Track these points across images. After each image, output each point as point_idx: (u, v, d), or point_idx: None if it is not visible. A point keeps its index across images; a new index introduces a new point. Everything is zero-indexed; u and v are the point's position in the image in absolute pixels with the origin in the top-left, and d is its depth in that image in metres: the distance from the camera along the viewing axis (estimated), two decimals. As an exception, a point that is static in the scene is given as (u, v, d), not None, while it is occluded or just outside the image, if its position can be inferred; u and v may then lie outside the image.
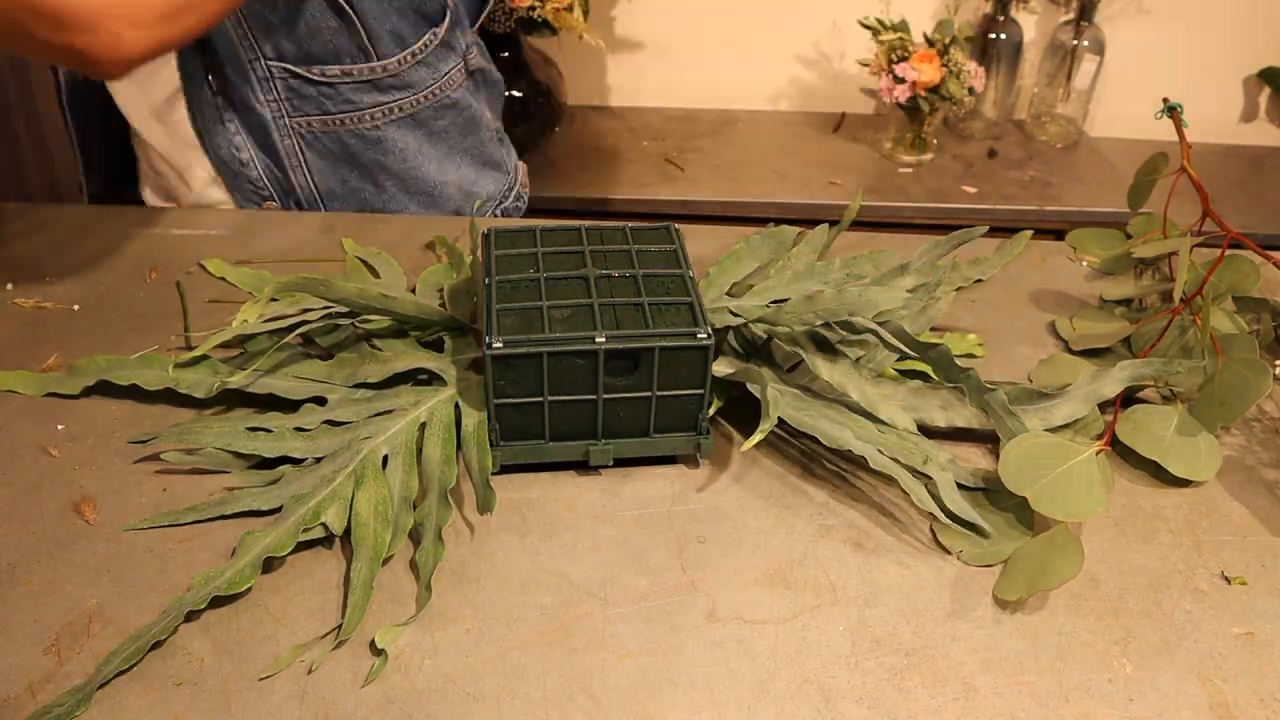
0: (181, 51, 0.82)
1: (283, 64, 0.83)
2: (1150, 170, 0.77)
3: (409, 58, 0.87)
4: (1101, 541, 0.56)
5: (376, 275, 0.75)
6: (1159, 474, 0.60)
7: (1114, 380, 0.62)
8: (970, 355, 0.69)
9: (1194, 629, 0.51)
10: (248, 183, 0.89)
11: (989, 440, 0.62)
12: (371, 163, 0.90)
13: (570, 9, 1.50)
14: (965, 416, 0.62)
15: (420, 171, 0.93)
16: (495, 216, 1.01)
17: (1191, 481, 0.59)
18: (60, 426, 0.61)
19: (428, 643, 0.49)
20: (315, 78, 0.85)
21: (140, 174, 0.97)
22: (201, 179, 0.91)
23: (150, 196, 0.97)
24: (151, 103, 0.88)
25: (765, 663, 0.48)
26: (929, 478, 0.57)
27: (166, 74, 0.85)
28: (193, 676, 0.47)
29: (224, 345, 0.65)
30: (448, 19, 0.90)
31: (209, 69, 0.84)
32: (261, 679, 0.47)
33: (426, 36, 0.88)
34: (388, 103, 0.88)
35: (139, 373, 0.62)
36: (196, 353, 0.62)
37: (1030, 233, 0.82)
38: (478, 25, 0.99)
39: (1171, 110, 0.75)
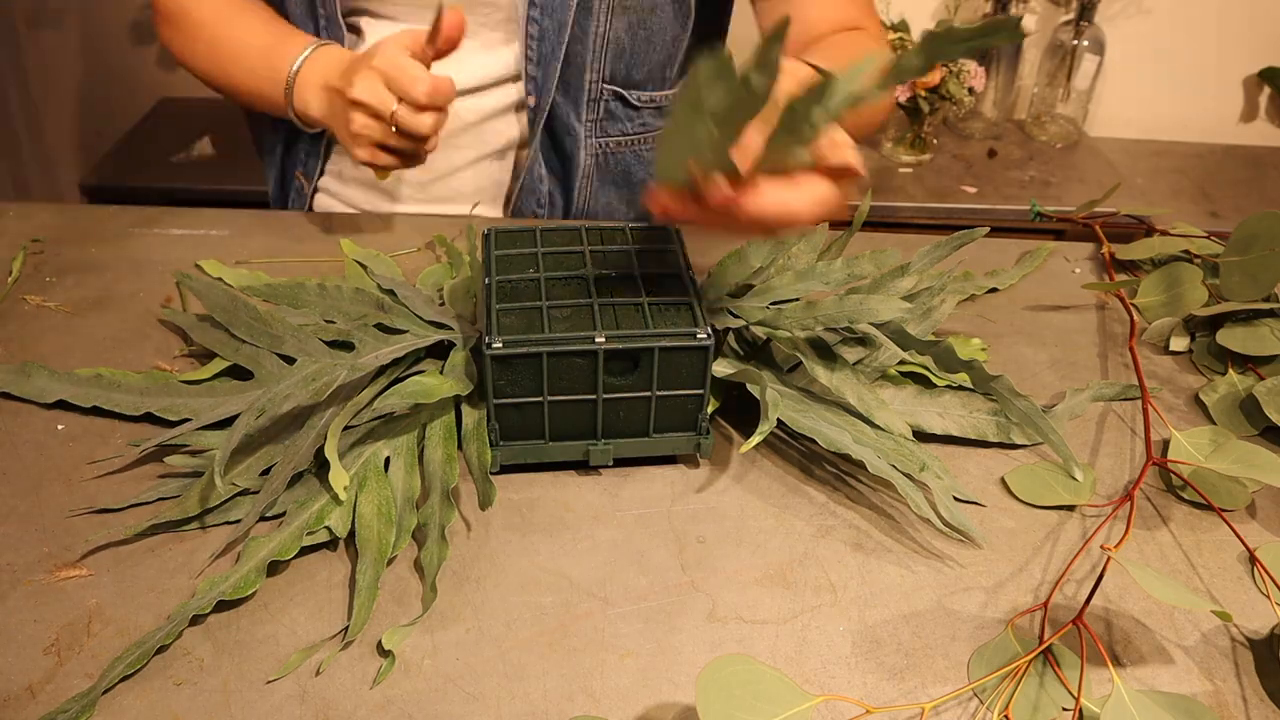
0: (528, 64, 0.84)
1: (614, 86, 0.87)
2: None
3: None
4: (1101, 540, 0.56)
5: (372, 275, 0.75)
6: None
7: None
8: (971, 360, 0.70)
9: (1193, 628, 0.51)
10: (533, 197, 0.90)
11: (984, 447, 0.62)
12: (637, 183, 0.94)
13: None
14: (961, 425, 0.62)
15: None
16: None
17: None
18: (60, 426, 0.61)
19: (428, 643, 0.49)
20: (635, 102, 0.89)
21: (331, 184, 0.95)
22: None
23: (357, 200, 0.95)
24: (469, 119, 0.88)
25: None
26: (925, 485, 0.57)
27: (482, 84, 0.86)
28: (193, 677, 0.47)
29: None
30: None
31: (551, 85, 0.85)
32: (269, 682, 0.47)
33: None
34: (659, 126, 0.92)
35: (144, 400, 0.62)
36: (201, 375, 0.63)
37: (1053, 245, 0.83)
38: None
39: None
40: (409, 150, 0.74)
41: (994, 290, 0.77)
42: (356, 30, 0.86)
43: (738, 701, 0.42)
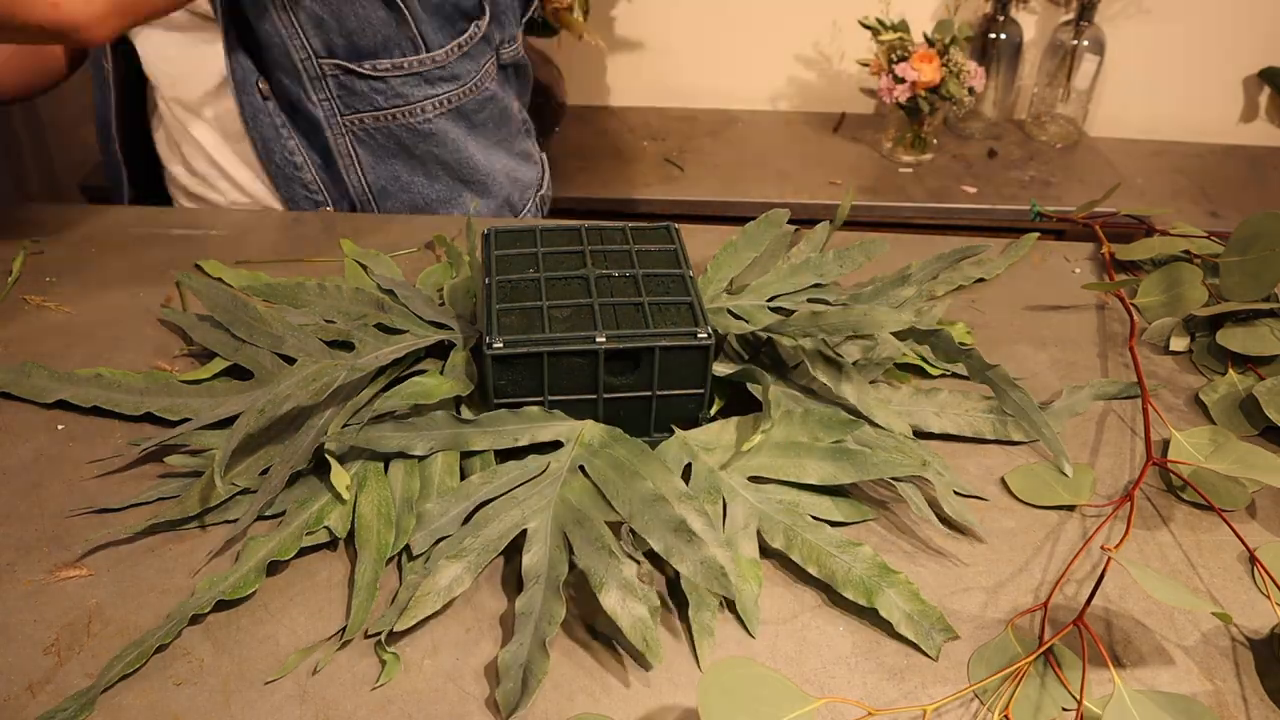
0: (231, 57, 0.83)
1: (334, 60, 0.84)
2: None
3: (455, 49, 0.89)
4: (1101, 540, 0.56)
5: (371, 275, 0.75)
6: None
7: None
8: (961, 343, 0.70)
9: (1193, 628, 0.51)
10: (301, 187, 0.90)
11: (982, 445, 0.62)
12: (425, 154, 0.92)
13: (570, 9, 1.50)
14: (958, 423, 0.62)
15: (472, 161, 0.95)
16: (537, 207, 1.05)
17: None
18: (60, 426, 0.61)
19: (428, 643, 0.49)
20: (366, 72, 0.85)
21: (173, 196, 0.98)
22: (253, 192, 0.92)
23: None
24: (207, 116, 0.89)
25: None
26: (925, 480, 0.57)
27: (219, 82, 0.86)
28: (192, 676, 0.47)
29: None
30: (488, 11, 0.91)
31: (261, 73, 0.85)
32: (268, 682, 0.47)
33: (471, 29, 0.90)
34: (436, 95, 0.90)
35: (144, 399, 0.62)
36: (201, 375, 0.63)
37: (1036, 235, 0.83)
38: (525, 18, 1.00)
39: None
40: None
41: (981, 280, 0.78)
42: None
43: (740, 705, 0.42)
